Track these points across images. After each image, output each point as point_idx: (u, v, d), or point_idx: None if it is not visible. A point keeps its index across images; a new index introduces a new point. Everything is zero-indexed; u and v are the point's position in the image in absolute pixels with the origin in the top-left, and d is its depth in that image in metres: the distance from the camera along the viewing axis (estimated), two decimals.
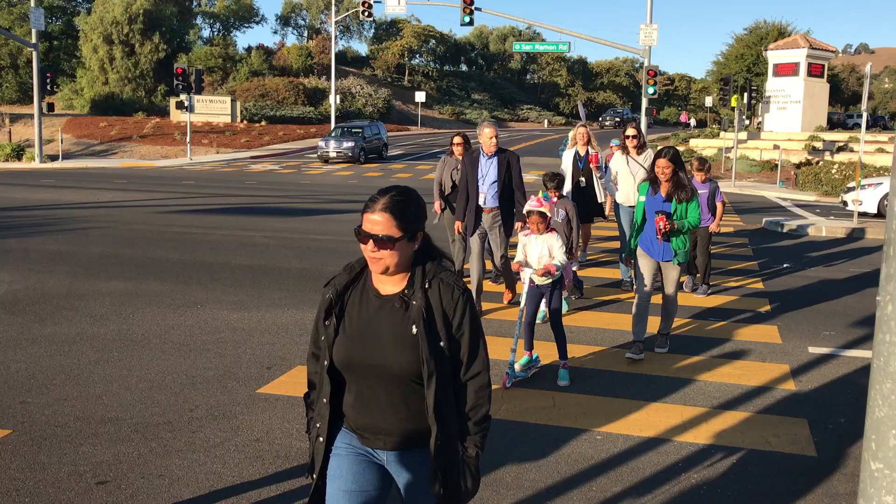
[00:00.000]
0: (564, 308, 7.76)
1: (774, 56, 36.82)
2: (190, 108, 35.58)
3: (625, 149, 9.25)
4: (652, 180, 6.72)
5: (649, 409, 5.65)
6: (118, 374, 6.16)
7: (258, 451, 4.80)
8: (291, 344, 7.07)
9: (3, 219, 15.28)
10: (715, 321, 8.10)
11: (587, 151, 9.74)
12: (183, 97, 35.69)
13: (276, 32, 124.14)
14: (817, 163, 28.00)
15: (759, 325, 8.04)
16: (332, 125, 46.51)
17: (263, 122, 48.57)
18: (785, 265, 11.56)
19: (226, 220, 15.56)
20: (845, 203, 18.13)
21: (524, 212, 6.17)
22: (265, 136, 44.30)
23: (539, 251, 6.12)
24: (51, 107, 35.91)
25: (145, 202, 18.73)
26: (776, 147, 30.43)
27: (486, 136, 7.73)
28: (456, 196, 8.69)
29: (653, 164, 6.70)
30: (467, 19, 33.64)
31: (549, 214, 6.08)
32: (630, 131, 9.29)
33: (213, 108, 46.88)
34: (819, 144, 31.89)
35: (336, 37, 53.75)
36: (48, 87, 34.41)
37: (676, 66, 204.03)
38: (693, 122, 67.42)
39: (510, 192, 7.91)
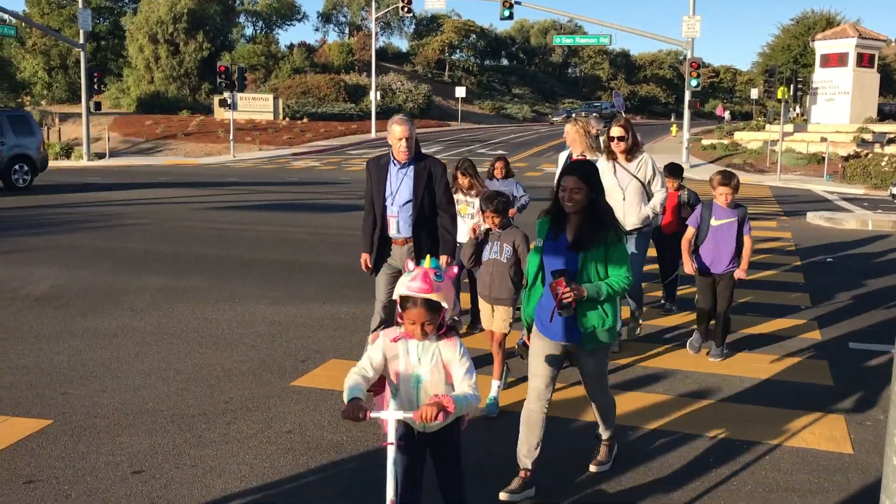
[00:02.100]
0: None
1: (822, 46, 36.03)
2: (233, 106, 36.04)
3: (610, 153, 6.79)
4: (554, 213, 4.13)
5: (682, 403, 5.59)
6: (156, 367, 6.29)
7: (290, 443, 4.86)
8: (326, 338, 7.14)
9: (49, 215, 15.68)
10: (753, 315, 7.98)
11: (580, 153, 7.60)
12: (226, 95, 36.18)
13: (317, 30, 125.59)
14: (866, 155, 27.34)
15: (798, 319, 7.91)
16: (373, 121, 46.77)
17: (305, 119, 49.02)
18: (828, 259, 11.33)
19: (266, 216, 15.76)
20: (894, 196, 17.70)
21: (395, 296, 3.21)
22: (307, 133, 44.71)
23: (427, 366, 3.23)
24: (98, 106, 36.67)
25: (188, 199, 19.05)
26: (823, 139, 29.81)
27: (396, 136, 5.48)
28: None
29: (557, 184, 4.17)
30: (507, 13, 33.58)
31: (444, 304, 3.11)
32: (616, 131, 6.72)
33: (255, 105, 47.47)
34: (868, 136, 31.13)
35: (377, 33, 54.03)
36: (95, 87, 35.15)
37: (721, 58, 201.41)
38: (727, 115, 66.12)
39: (432, 217, 5.70)
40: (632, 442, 4.93)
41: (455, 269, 3.44)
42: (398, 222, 5.66)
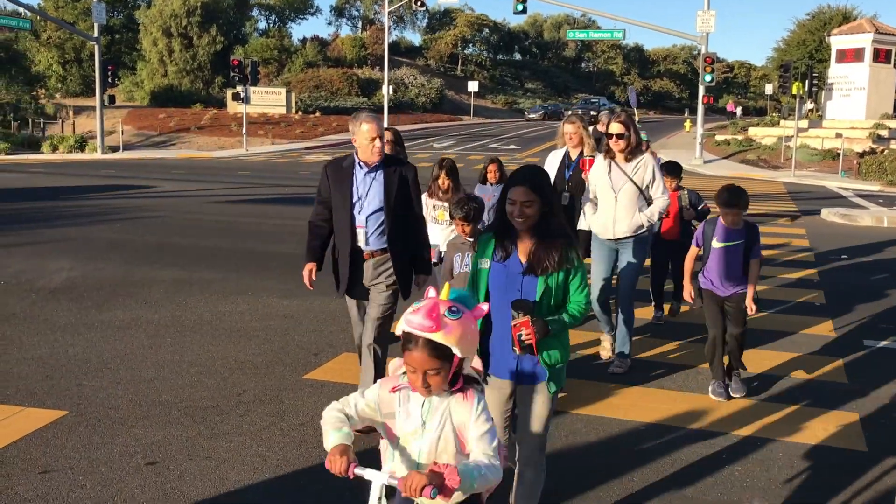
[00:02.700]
0: None
1: (838, 42, 35.75)
2: (246, 100, 36.13)
3: (608, 151, 6.05)
4: (498, 229, 3.45)
5: (696, 399, 5.58)
6: (170, 359, 6.32)
7: (303, 436, 4.88)
8: (338, 331, 7.16)
9: (64, 208, 15.77)
10: (767, 312, 7.94)
11: (580, 154, 7.02)
12: (239, 89, 36.26)
13: (330, 24, 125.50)
14: (882, 151, 27.13)
15: (812, 316, 7.86)
16: (385, 116, 46.80)
17: (318, 113, 49.09)
18: (842, 256, 11.26)
19: (279, 209, 15.80)
20: None
21: (400, 332, 2.49)
22: (319, 127, 44.78)
23: (433, 431, 2.53)
24: (112, 99, 36.87)
25: (201, 192, 19.12)
26: (838, 135, 29.59)
27: (367, 135, 4.73)
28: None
29: (501, 194, 3.42)
30: (520, 7, 33.44)
31: (456, 351, 2.41)
32: (615, 127, 5.92)
33: (268, 99, 47.56)
34: (884, 132, 30.89)
35: (389, 27, 53.98)
36: (109, 80, 35.34)
37: (735, 54, 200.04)
38: (739, 111, 65.51)
39: (406, 228, 4.95)
40: (644, 438, 4.92)
41: (485, 308, 2.60)
42: (366, 233, 4.88)
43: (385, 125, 5.70)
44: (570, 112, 7.28)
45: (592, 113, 41.23)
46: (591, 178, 6.23)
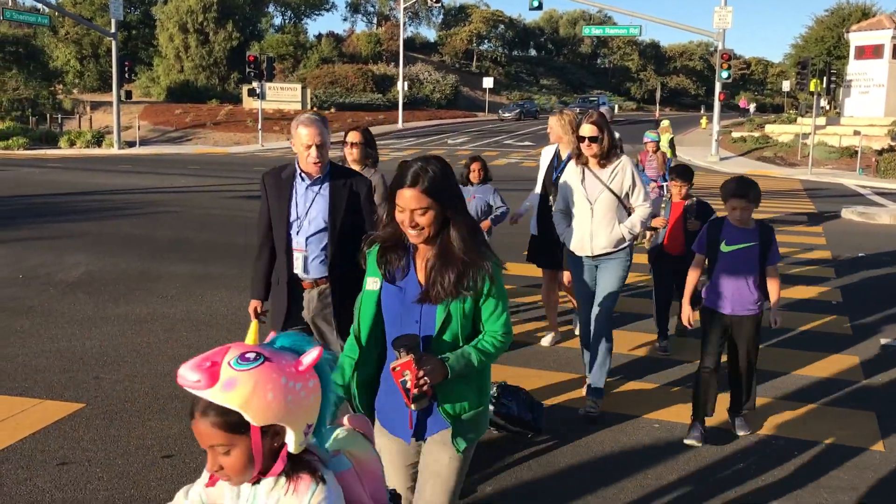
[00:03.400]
0: None
1: (857, 38, 35.45)
2: (261, 96, 36.24)
3: (579, 157, 5.25)
4: (390, 238, 2.72)
5: None
6: (186, 353, 6.35)
7: None
8: None
9: (82, 203, 15.90)
10: (782, 310, 7.88)
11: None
12: (255, 85, 36.39)
13: (345, 20, 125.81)
14: None
15: (829, 315, 7.81)
16: (400, 112, 46.84)
17: (333, 109, 49.18)
18: (859, 254, 11.18)
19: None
20: None
21: None
22: (334, 123, 44.62)
23: None
24: (129, 94, 37.08)
25: (216, 188, 19.21)
26: (857, 133, 29.35)
27: (302, 142, 3.98)
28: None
29: (390, 200, 2.67)
30: (536, 3, 33.37)
31: (249, 418, 1.62)
32: (586, 129, 5.14)
33: (283, 95, 47.69)
34: None
35: (405, 23, 53.99)
36: (126, 76, 35.51)
37: (753, 50, 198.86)
38: (752, 107, 64.93)
39: (354, 253, 3.56)
40: (660, 438, 4.91)
41: (314, 355, 1.69)
42: (305, 258, 4.07)
43: (358, 125, 5.42)
44: (562, 110, 6.58)
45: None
46: (562, 187, 5.43)
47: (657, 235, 6.76)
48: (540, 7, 33.56)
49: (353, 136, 5.74)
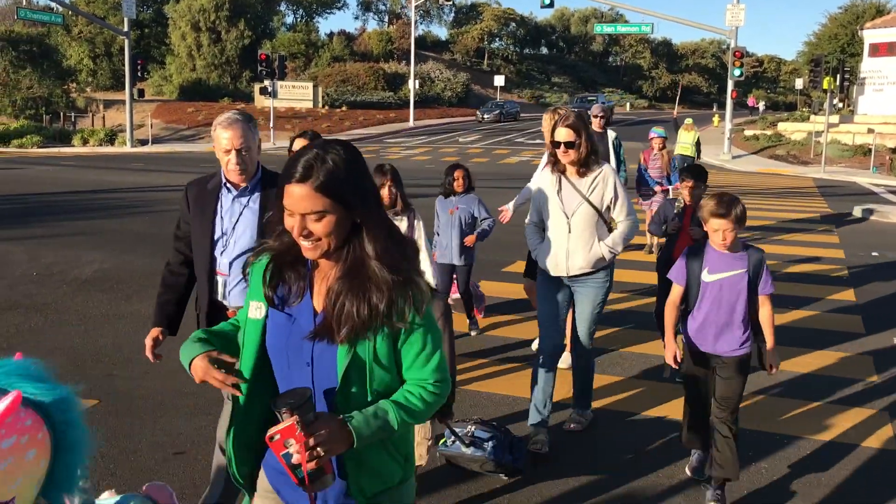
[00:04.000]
0: None
1: (871, 35, 35.21)
2: (273, 94, 36.34)
3: (556, 164, 4.64)
4: (282, 259, 2.04)
5: None
6: None
7: None
8: None
9: (95, 201, 15.99)
10: (795, 308, 7.86)
11: None
12: (266, 83, 36.49)
13: (357, 18, 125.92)
14: None
15: (842, 314, 7.77)
16: (412, 110, 46.89)
17: (344, 108, 49.26)
18: (873, 253, 11.11)
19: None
20: None
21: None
22: (346, 122, 44.93)
23: None
24: (141, 93, 37.24)
25: None
26: (870, 131, 29.15)
27: (221, 146, 3.36)
28: None
29: (277, 199, 1.94)
30: (548, 1, 33.30)
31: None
32: (562, 133, 4.49)
33: (295, 93, 47.80)
34: None
35: (416, 21, 54.00)
36: (139, 74, 35.68)
37: (766, 48, 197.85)
38: (761, 105, 64.37)
39: None
40: (666, 433, 4.90)
41: (8, 400, 1.20)
42: (226, 282, 3.46)
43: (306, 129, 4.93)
44: (556, 108, 6.01)
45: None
46: (536, 198, 4.80)
47: (667, 249, 5.93)
48: (551, 5, 33.48)
49: (300, 144, 4.80)
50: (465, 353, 6.35)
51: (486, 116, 51.15)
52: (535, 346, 6.00)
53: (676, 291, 4.15)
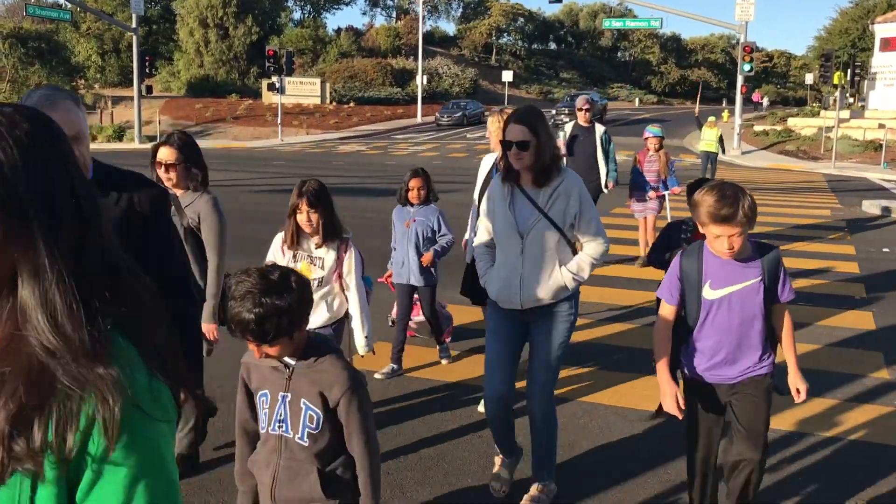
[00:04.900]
0: None
1: (882, 30, 34.98)
2: (281, 90, 36.35)
3: (508, 172, 3.78)
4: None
5: None
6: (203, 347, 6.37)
7: None
8: (373, 319, 7.16)
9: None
10: (806, 305, 7.80)
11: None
12: (274, 79, 36.50)
13: (364, 14, 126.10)
14: None
15: (853, 310, 7.72)
16: (419, 106, 46.82)
17: (352, 104, 49.25)
18: (884, 250, 11.03)
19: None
20: None
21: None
22: (353, 118, 44.92)
23: None
24: (149, 89, 37.37)
25: (236, 182, 19.29)
26: (881, 126, 28.98)
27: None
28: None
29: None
30: None
31: None
32: (513, 131, 3.63)
33: (303, 89, 47.81)
34: None
35: (424, 17, 53.97)
36: (147, 70, 35.78)
37: (775, 42, 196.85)
38: (765, 101, 63.97)
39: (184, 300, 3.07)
40: (672, 431, 4.86)
41: None
42: None
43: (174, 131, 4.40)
44: (502, 109, 5.30)
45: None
46: (483, 211, 4.00)
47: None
48: (560, 0, 33.38)
49: (165, 155, 4.16)
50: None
51: (445, 119, 42.78)
52: (481, 407, 4.95)
53: (667, 312, 3.32)
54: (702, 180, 4.11)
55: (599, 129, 8.98)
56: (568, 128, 9.22)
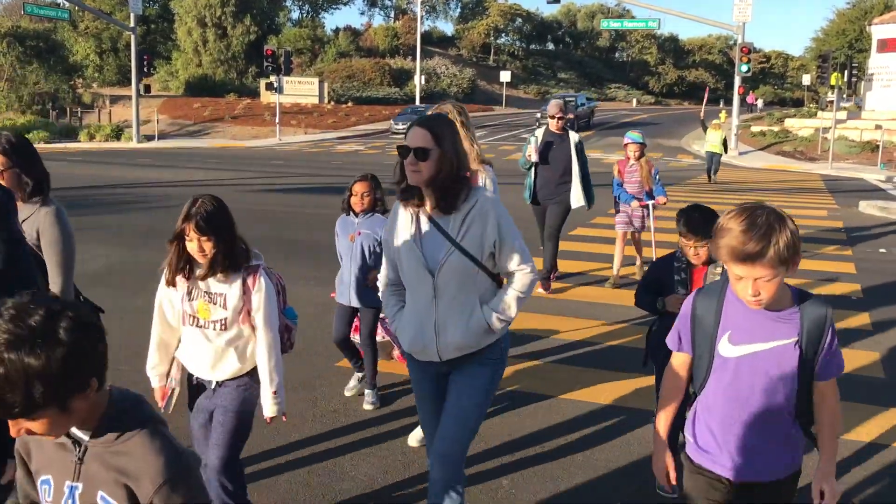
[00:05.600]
0: None
1: (879, 31, 35.05)
2: (279, 90, 36.34)
3: (408, 193, 3.16)
4: None
5: None
6: None
7: (335, 422, 4.93)
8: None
9: (101, 196, 16.03)
10: None
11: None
12: (272, 79, 36.50)
13: (363, 13, 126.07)
14: None
15: (849, 310, 7.75)
16: (417, 105, 46.82)
17: (350, 103, 49.25)
18: (881, 250, 11.07)
19: (311, 198, 15.90)
20: None
21: None
22: (351, 117, 44.93)
23: None
24: (147, 88, 37.34)
25: (235, 181, 19.30)
26: (878, 127, 29.04)
27: None
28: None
29: None
30: None
31: None
32: (415, 135, 3.08)
33: (301, 89, 47.80)
34: None
35: (422, 17, 53.98)
36: (145, 70, 35.73)
37: (773, 43, 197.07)
38: (760, 103, 64.05)
39: None
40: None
41: None
42: None
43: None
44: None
45: (569, 116, 29.98)
46: (388, 245, 3.31)
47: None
48: (557, 1, 33.44)
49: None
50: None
51: (398, 126, 36.91)
52: (412, 440, 4.66)
53: (680, 362, 2.59)
54: (694, 207, 3.80)
55: (574, 136, 8.22)
56: (539, 133, 8.35)
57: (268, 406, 3.32)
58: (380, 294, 3.48)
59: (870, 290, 8.64)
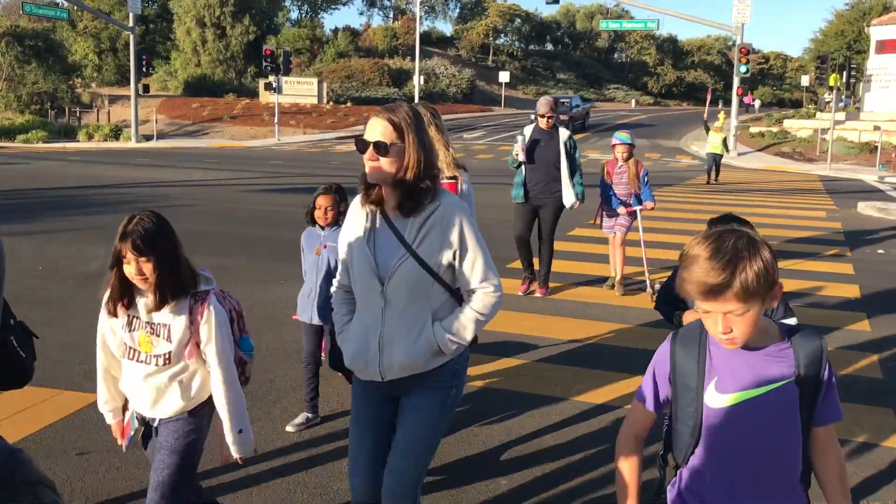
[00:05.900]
0: None
1: (877, 32, 35.08)
2: (278, 90, 36.32)
3: (367, 191, 2.94)
4: None
5: None
6: None
7: (333, 424, 4.93)
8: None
9: (100, 196, 16.01)
10: (800, 306, 7.84)
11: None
12: (271, 78, 36.47)
13: (362, 14, 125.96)
14: None
15: (847, 311, 7.76)
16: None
17: (349, 104, 49.22)
18: (879, 251, 11.08)
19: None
20: None
21: None
22: (350, 118, 44.90)
23: None
24: (146, 88, 37.28)
25: (234, 181, 19.29)
26: (877, 128, 29.08)
27: None
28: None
29: None
30: None
31: None
32: (373, 127, 2.94)
33: (300, 89, 47.75)
34: None
35: (421, 17, 53.99)
36: (144, 69, 35.72)
37: (771, 44, 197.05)
38: (757, 103, 64.10)
39: None
40: None
41: None
42: None
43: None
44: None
45: (563, 117, 30.53)
46: (340, 243, 3.01)
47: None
48: (556, 1, 33.50)
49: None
50: None
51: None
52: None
53: (640, 419, 2.24)
54: (723, 217, 3.46)
55: (564, 133, 8.00)
56: (528, 130, 8.15)
57: (234, 448, 3.01)
58: (332, 300, 3.05)
59: (868, 291, 8.65)
